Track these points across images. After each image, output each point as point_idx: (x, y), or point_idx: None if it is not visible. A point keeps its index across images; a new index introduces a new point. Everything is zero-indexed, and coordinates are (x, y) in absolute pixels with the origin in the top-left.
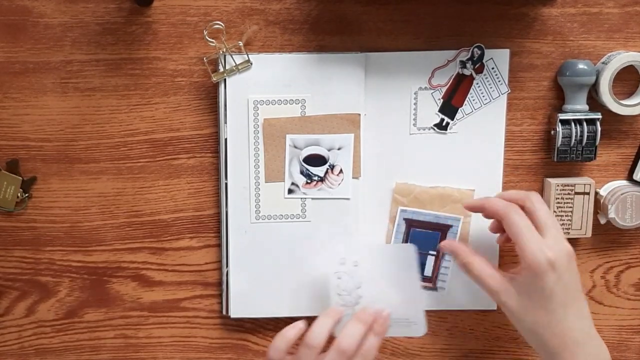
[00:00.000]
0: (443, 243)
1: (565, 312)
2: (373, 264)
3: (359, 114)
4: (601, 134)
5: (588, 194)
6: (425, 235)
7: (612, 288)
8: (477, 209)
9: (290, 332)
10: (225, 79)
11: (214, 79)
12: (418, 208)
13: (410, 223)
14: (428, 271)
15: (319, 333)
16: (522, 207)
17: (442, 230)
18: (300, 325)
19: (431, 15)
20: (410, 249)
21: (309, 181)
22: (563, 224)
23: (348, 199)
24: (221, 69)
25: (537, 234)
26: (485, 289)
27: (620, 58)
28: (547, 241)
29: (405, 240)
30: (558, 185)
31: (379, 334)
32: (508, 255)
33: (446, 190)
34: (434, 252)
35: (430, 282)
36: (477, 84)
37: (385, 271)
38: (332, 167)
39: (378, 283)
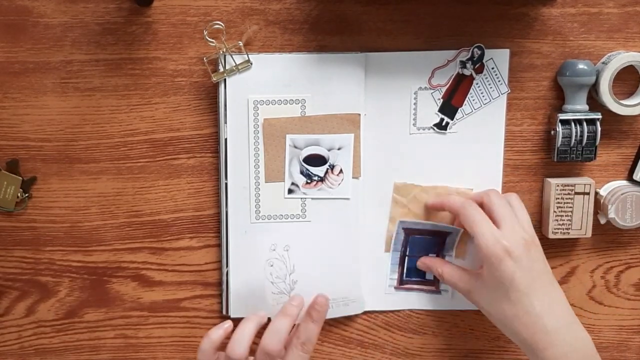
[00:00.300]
0: (418, 262)
1: (530, 300)
2: (305, 245)
3: (359, 114)
4: (601, 134)
5: (588, 194)
6: (424, 241)
7: (612, 288)
8: (438, 207)
9: (215, 334)
10: (225, 79)
11: (214, 79)
12: (417, 208)
13: (409, 232)
14: (430, 275)
15: (240, 343)
16: (481, 204)
17: (441, 236)
18: (225, 325)
19: (431, 15)
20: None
21: (309, 181)
22: (563, 224)
23: (348, 199)
24: (221, 69)
25: (492, 225)
26: (459, 291)
27: (620, 58)
28: (503, 232)
29: (405, 247)
30: (558, 185)
31: (318, 321)
32: None
33: (445, 189)
34: (434, 256)
35: (433, 285)
36: (477, 84)
37: (319, 250)
38: (332, 167)
39: (311, 264)
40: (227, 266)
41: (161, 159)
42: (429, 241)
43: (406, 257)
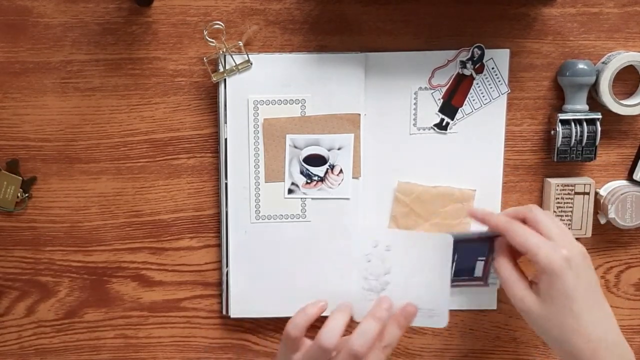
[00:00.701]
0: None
1: (590, 314)
2: (406, 250)
3: (359, 114)
4: (601, 134)
5: (588, 194)
6: (472, 247)
7: (612, 288)
8: (479, 221)
9: (312, 310)
10: (225, 79)
11: (214, 79)
12: (420, 208)
13: (456, 242)
14: (478, 272)
15: (333, 332)
16: (524, 221)
17: (488, 240)
18: (321, 303)
19: (431, 15)
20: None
21: (309, 181)
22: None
23: (348, 199)
24: (221, 69)
25: (544, 238)
26: (509, 294)
27: (620, 58)
28: (557, 242)
29: (454, 256)
30: (558, 185)
31: (403, 327)
32: None
33: (447, 189)
34: (483, 258)
35: (481, 280)
36: (477, 84)
37: (417, 259)
38: (332, 167)
39: (408, 270)
40: (227, 266)
41: (161, 159)
42: (476, 247)
43: (454, 263)
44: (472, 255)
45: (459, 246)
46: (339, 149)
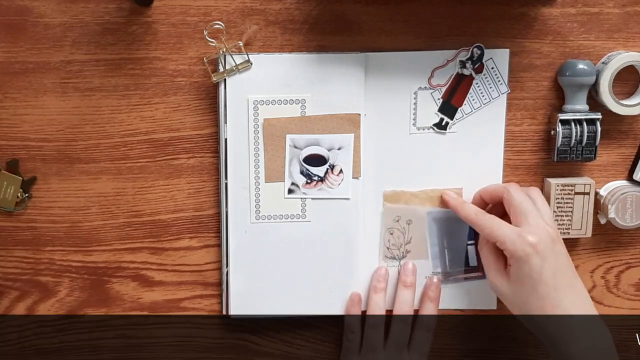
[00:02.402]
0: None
1: (557, 295)
2: (425, 225)
3: (359, 114)
4: (601, 134)
5: (588, 193)
6: (458, 228)
7: (612, 288)
8: (451, 209)
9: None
10: (225, 79)
11: (214, 79)
12: (409, 214)
13: (440, 221)
14: (473, 261)
15: (379, 312)
16: (501, 199)
17: None
18: (355, 296)
19: (431, 15)
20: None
21: (309, 181)
22: (563, 224)
23: (348, 199)
24: (221, 69)
25: (511, 225)
26: (488, 282)
27: (620, 58)
28: (527, 227)
29: (440, 238)
30: (558, 186)
31: (435, 300)
32: None
33: (435, 192)
34: (472, 242)
35: (477, 271)
36: (477, 83)
37: (437, 232)
38: (332, 167)
39: (427, 242)
40: (227, 266)
41: (161, 159)
42: (463, 226)
43: (446, 250)
44: (461, 238)
45: (446, 226)
46: (339, 149)
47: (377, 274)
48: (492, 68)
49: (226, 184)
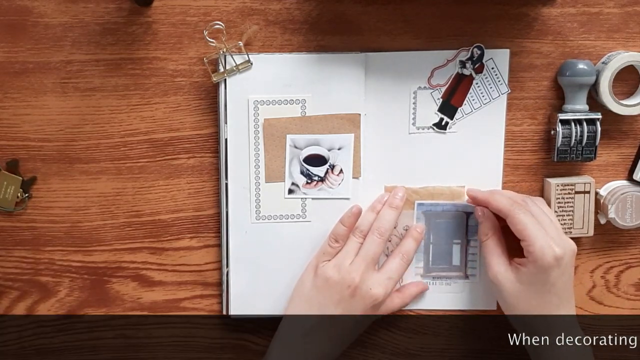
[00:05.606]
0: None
1: (560, 302)
2: (413, 216)
3: (359, 114)
4: (601, 134)
5: (588, 192)
6: (446, 225)
7: (612, 288)
8: (482, 203)
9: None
10: (225, 79)
11: (214, 79)
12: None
13: (429, 216)
14: (456, 261)
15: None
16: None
17: (462, 218)
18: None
19: (431, 15)
20: (461, 215)
21: (309, 181)
22: (564, 224)
23: (348, 199)
24: (221, 69)
25: (543, 230)
26: (485, 263)
27: (620, 58)
28: (554, 238)
29: (427, 233)
30: (558, 185)
31: (397, 208)
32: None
33: (436, 189)
34: (458, 242)
35: (461, 271)
36: (477, 83)
37: (435, 232)
38: (332, 167)
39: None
40: (227, 266)
41: (161, 159)
42: (452, 225)
43: (431, 245)
44: (448, 235)
45: (433, 224)
46: (339, 149)
47: (380, 196)
48: (492, 68)
49: (226, 184)
